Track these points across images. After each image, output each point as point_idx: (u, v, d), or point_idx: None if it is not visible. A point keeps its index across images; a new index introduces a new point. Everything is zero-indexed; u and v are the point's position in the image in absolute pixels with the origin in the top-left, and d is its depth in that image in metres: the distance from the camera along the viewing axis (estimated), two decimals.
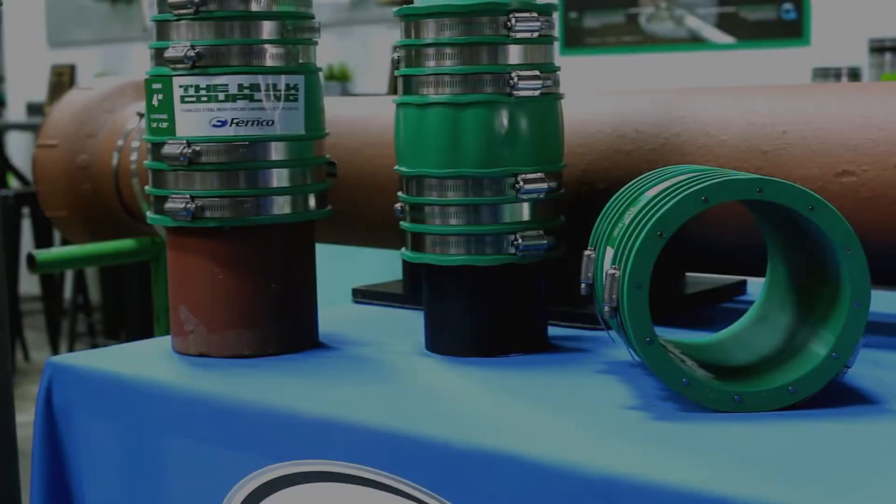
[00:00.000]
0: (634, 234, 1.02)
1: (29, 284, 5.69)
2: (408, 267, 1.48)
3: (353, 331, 1.36)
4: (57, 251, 1.93)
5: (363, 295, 1.54)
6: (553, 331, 1.31)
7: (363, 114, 1.60)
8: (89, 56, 6.00)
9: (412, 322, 1.36)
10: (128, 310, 4.65)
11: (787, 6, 3.94)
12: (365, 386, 1.13)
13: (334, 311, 1.50)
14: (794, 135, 1.25)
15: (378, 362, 1.22)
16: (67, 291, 5.39)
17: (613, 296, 1.03)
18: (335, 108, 1.63)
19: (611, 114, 1.39)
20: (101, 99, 1.98)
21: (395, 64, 1.25)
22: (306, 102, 1.25)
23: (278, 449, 1.07)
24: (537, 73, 1.20)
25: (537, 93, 1.20)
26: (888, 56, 3.41)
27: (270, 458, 1.08)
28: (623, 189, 1.17)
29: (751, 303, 1.49)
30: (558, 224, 1.25)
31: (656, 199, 1.04)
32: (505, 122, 1.19)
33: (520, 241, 1.20)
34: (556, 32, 1.26)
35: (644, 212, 1.04)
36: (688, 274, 1.53)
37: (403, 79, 1.23)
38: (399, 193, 1.26)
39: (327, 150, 1.59)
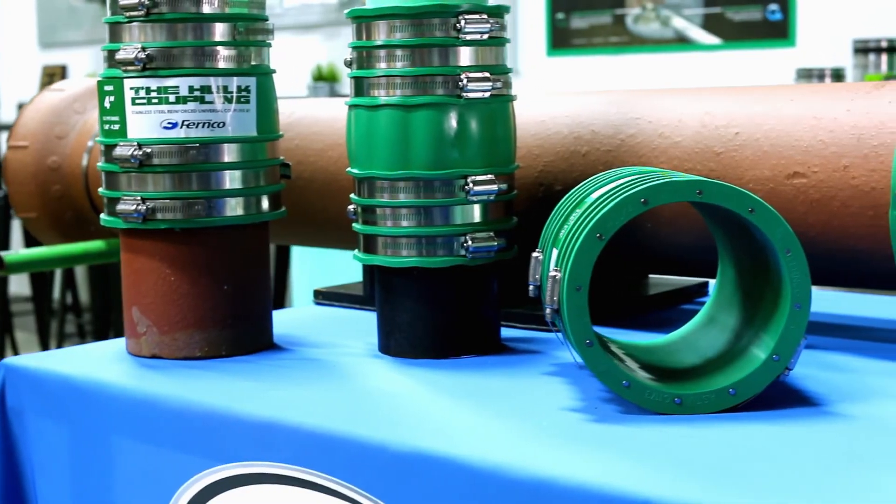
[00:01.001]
0: (575, 236, 1.02)
1: (20, 285, 5.70)
2: (367, 269, 1.48)
3: (309, 332, 1.36)
4: (25, 252, 1.93)
5: (324, 296, 1.54)
6: (508, 332, 1.31)
7: (327, 115, 1.60)
8: (80, 57, 6.00)
9: (370, 324, 1.36)
10: (117, 311, 4.65)
11: (773, 7, 3.94)
12: (310, 388, 1.13)
13: (293, 312, 1.51)
14: (747, 136, 1.25)
15: (328, 364, 1.22)
16: (57, 292, 5.39)
17: (555, 298, 1.02)
18: (300, 110, 1.63)
19: (568, 115, 1.39)
20: (71, 100, 1.98)
21: (348, 65, 1.25)
22: (258, 104, 1.25)
23: (222, 451, 1.07)
24: (487, 74, 1.20)
25: (487, 94, 1.20)
26: (872, 57, 3.41)
27: (215, 459, 1.08)
28: (572, 191, 1.17)
29: None
30: (510, 225, 1.25)
31: (597, 202, 1.04)
32: (454, 123, 1.19)
33: (469, 242, 1.20)
34: (508, 34, 1.26)
35: (585, 214, 1.04)
36: (651, 276, 1.54)
37: (355, 80, 1.23)
38: (351, 195, 1.26)
39: (292, 151, 1.60)
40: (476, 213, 1.22)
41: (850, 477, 0.85)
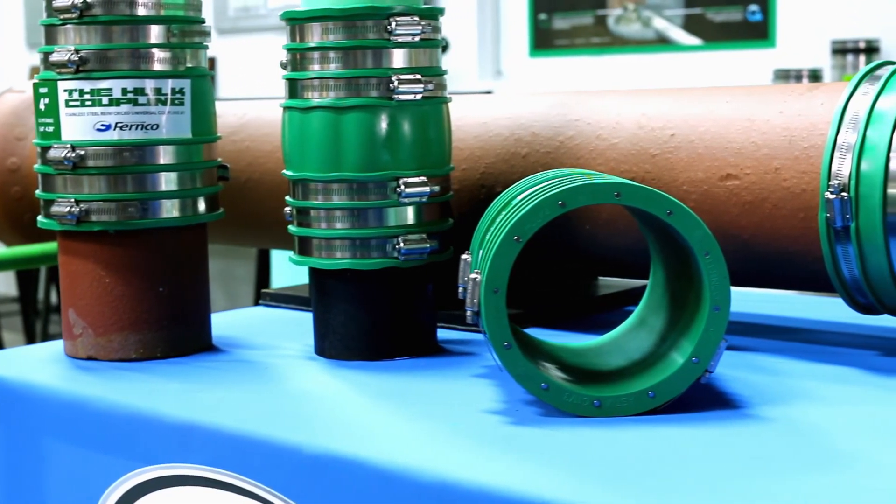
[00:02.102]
0: (494, 238, 1.02)
1: (6, 285, 5.70)
2: None
3: (250, 334, 1.36)
4: None
5: (271, 298, 1.54)
6: (448, 334, 1.31)
7: (278, 116, 1.59)
8: None
9: (312, 326, 1.35)
10: None
11: (753, 8, 3.94)
12: (237, 390, 1.13)
13: (238, 313, 1.51)
14: (682, 138, 1.25)
15: (261, 366, 1.22)
16: (41, 292, 5.39)
17: (475, 300, 1.02)
18: (252, 111, 1.63)
19: (509, 117, 1.39)
20: (31, 102, 1.97)
21: (283, 68, 1.25)
22: (193, 106, 1.25)
23: (147, 453, 1.07)
24: (419, 76, 1.20)
25: (419, 96, 1.20)
26: (850, 57, 3.41)
27: (140, 461, 1.08)
28: (503, 193, 1.18)
29: None
30: (445, 227, 1.25)
31: (517, 204, 1.04)
32: (386, 125, 1.19)
33: (401, 244, 1.20)
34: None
35: (505, 216, 1.04)
36: (602, 278, 1.54)
37: (289, 82, 1.23)
38: (287, 197, 1.26)
39: (243, 153, 1.59)
40: (410, 215, 1.22)
41: (757, 479, 0.85)
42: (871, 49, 3.55)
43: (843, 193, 1.12)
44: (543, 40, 4.46)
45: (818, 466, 0.88)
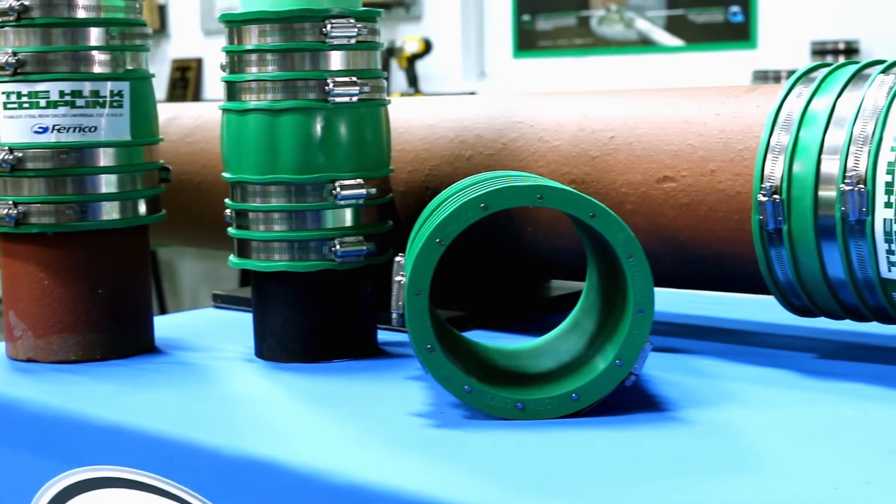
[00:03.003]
0: (418, 241, 1.02)
1: None
2: None
3: (195, 336, 1.36)
4: None
5: (222, 300, 1.54)
6: (389, 336, 1.31)
7: None
8: None
9: None
10: None
11: (735, 9, 3.94)
12: (168, 392, 1.13)
13: (187, 315, 1.51)
14: (621, 140, 1.25)
15: (198, 368, 1.22)
16: None
17: (400, 303, 1.02)
18: (208, 112, 1.63)
19: (455, 119, 1.39)
20: None
21: (223, 70, 1.25)
22: (132, 108, 1.25)
23: (76, 455, 1.07)
24: (354, 79, 1.20)
25: (355, 99, 1.20)
26: (829, 58, 3.41)
27: (70, 463, 1.08)
28: (438, 196, 1.18)
29: None
30: (383, 230, 1.25)
31: (443, 207, 1.04)
32: (321, 128, 1.19)
33: (337, 246, 1.20)
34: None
35: (430, 219, 1.04)
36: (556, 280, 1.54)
37: (227, 85, 1.23)
38: (226, 200, 1.26)
39: (198, 154, 1.60)
40: (347, 217, 1.22)
41: (669, 481, 0.85)
42: (850, 50, 3.56)
43: (775, 196, 1.11)
44: (527, 41, 4.46)
45: (731, 469, 0.88)
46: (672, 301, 1.46)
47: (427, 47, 4.40)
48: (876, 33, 3.59)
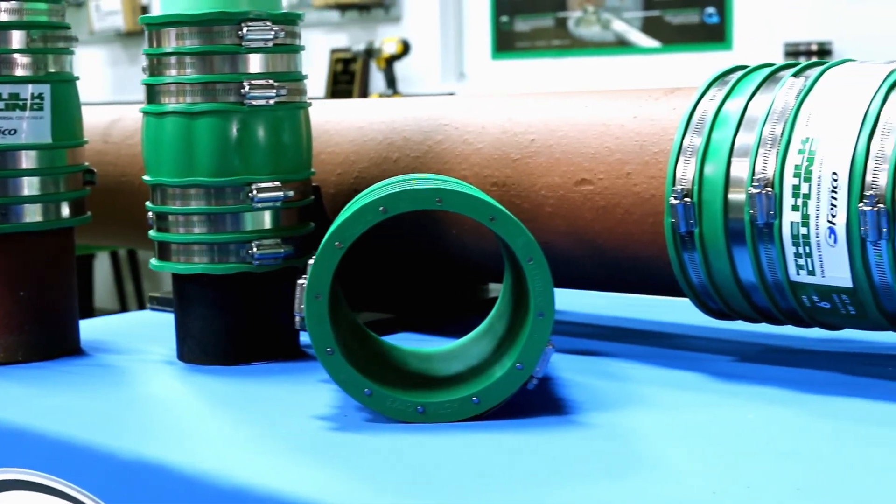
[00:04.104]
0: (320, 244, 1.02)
1: None
2: None
3: (122, 338, 1.36)
4: None
5: (158, 301, 1.54)
6: None
7: None
8: None
9: None
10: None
11: (710, 10, 3.94)
12: (80, 395, 1.13)
13: (122, 317, 1.51)
14: (541, 143, 1.25)
15: (116, 370, 1.22)
16: None
17: (301, 306, 1.02)
18: None
19: (384, 121, 1.39)
20: None
21: (144, 72, 1.25)
22: (54, 111, 1.25)
23: None
24: (271, 82, 1.20)
25: (271, 102, 1.20)
26: (803, 59, 3.40)
27: None
28: (353, 199, 1.18)
29: None
30: (303, 232, 1.25)
31: (344, 209, 1.04)
32: (238, 131, 1.19)
33: (255, 249, 1.20)
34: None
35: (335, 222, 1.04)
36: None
37: (147, 88, 1.23)
38: (147, 203, 1.26)
39: (138, 157, 1.59)
40: (266, 219, 1.22)
41: (554, 485, 0.85)
42: (823, 51, 3.56)
43: (687, 199, 1.11)
44: (505, 42, 4.46)
45: (618, 472, 0.88)
46: (593, 303, 1.45)
47: (405, 48, 4.41)
48: (848, 35, 3.59)
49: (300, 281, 1.03)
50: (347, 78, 4.59)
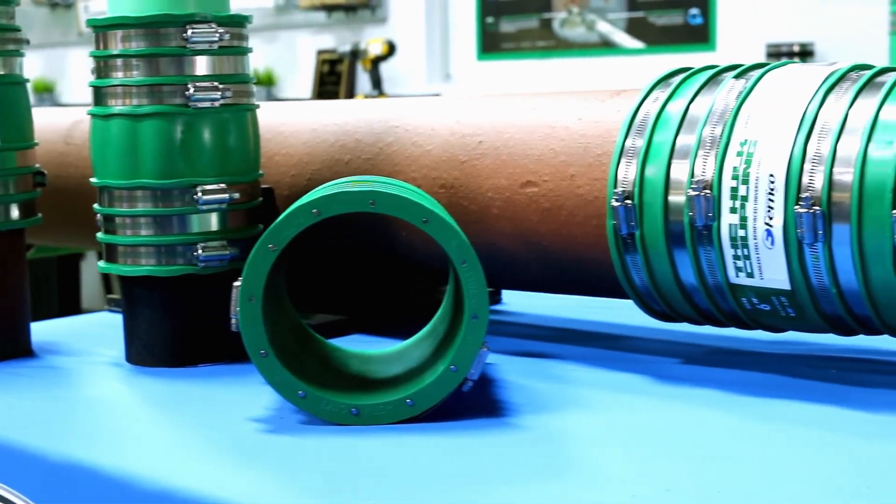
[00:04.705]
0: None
1: None
2: None
3: (77, 340, 1.36)
4: None
5: (115, 303, 1.54)
6: None
7: None
8: (29, 61, 6.00)
9: None
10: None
11: (694, 11, 3.94)
12: (20, 397, 1.13)
13: (78, 319, 1.51)
14: (489, 145, 1.25)
15: (63, 372, 1.23)
16: None
17: (237, 308, 1.02)
18: None
19: (337, 123, 1.39)
20: None
21: (92, 74, 1.25)
22: (1, 114, 1.25)
23: None
24: (216, 84, 1.20)
25: (217, 104, 1.20)
26: (784, 60, 3.40)
27: None
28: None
29: (504, 312, 1.50)
30: (250, 234, 1.25)
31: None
32: (182, 133, 1.19)
33: (200, 251, 1.20)
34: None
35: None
36: None
37: (94, 90, 1.23)
38: (94, 205, 1.26)
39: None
40: (213, 222, 1.22)
41: (479, 487, 0.85)
42: (805, 52, 3.56)
43: (628, 201, 1.11)
44: (491, 44, 4.47)
45: (542, 476, 0.88)
46: (541, 305, 1.45)
47: (390, 49, 4.41)
48: (830, 36, 3.59)
49: (235, 283, 1.03)
50: (334, 79, 4.58)
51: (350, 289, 1.42)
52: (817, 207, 1.02)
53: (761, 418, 1.01)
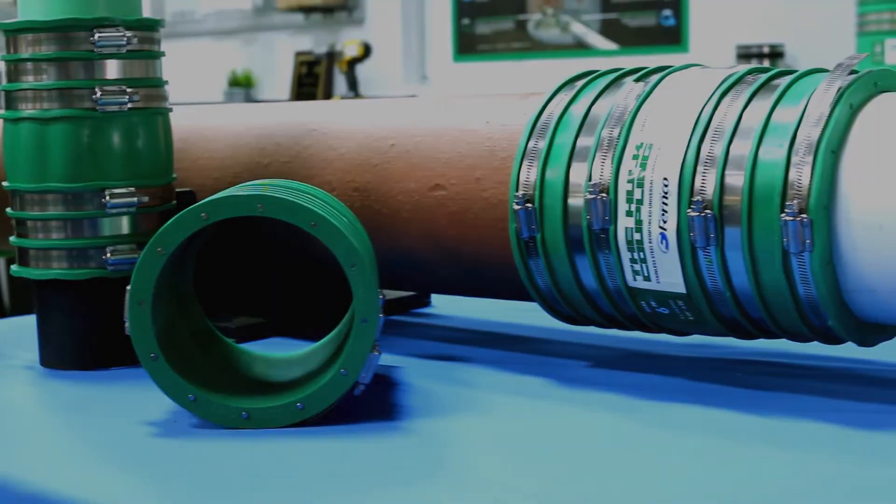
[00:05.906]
0: None
1: None
2: None
3: (8, 344, 1.36)
4: None
5: None
6: None
7: None
8: None
9: None
10: None
11: (667, 13, 3.94)
12: None
13: (13, 321, 1.52)
14: (400, 148, 1.25)
15: None
16: None
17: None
18: None
19: (259, 126, 1.39)
20: None
21: (1, 78, 1.25)
22: None
23: None
24: (123, 88, 1.20)
25: (125, 108, 1.20)
26: (755, 62, 3.41)
27: None
28: None
29: (433, 315, 1.50)
30: None
31: None
32: (90, 137, 1.20)
33: (108, 255, 1.21)
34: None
35: None
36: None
37: (5, 94, 1.23)
38: (7, 209, 1.26)
39: None
40: (123, 225, 1.22)
41: (353, 491, 0.85)
42: (775, 54, 3.55)
43: (528, 204, 1.11)
44: (467, 45, 4.47)
45: (411, 480, 0.88)
46: (470, 308, 1.45)
47: (366, 51, 4.41)
48: (800, 38, 3.60)
49: (128, 287, 1.03)
50: (312, 80, 4.59)
51: (271, 292, 1.42)
52: (709, 211, 1.02)
53: (654, 423, 1.00)
